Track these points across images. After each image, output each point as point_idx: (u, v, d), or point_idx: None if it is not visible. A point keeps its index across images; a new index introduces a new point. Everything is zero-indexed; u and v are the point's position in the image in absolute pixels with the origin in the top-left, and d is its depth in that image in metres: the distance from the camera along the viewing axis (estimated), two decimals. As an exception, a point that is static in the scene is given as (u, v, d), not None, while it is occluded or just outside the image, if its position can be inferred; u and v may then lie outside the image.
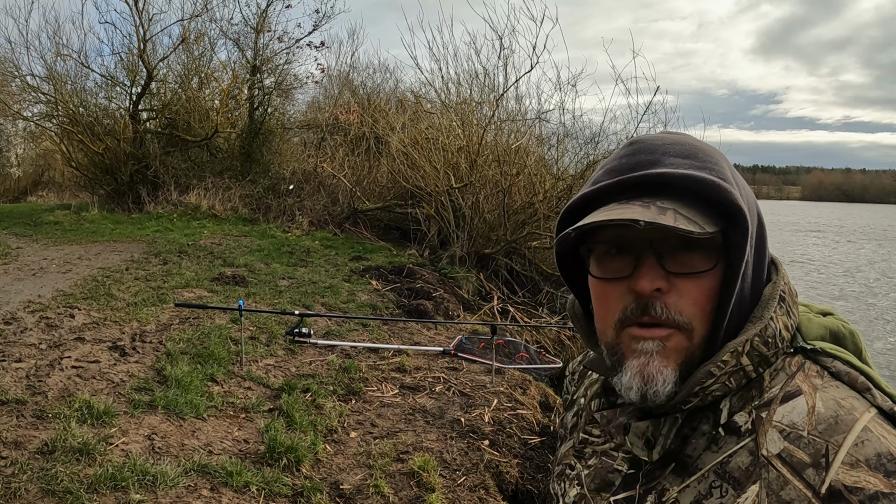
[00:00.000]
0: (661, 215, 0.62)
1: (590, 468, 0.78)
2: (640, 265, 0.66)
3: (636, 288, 0.65)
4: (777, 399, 0.66)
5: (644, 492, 0.70)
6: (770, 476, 0.62)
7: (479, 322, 6.33)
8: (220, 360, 4.32)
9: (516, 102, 9.92)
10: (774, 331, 0.68)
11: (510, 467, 3.56)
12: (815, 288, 15.49)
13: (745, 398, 0.67)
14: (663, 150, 0.68)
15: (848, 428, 0.61)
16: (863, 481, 0.58)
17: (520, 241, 9.06)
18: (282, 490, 2.92)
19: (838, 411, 0.63)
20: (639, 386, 0.66)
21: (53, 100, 12.63)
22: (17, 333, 4.44)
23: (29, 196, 18.60)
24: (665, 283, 0.65)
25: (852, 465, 0.59)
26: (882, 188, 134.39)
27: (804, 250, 24.34)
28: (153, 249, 8.23)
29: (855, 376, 0.66)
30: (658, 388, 0.66)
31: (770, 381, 0.67)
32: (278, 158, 13.35)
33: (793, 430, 0.63)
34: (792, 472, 0.61)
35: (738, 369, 0.66)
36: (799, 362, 0.68)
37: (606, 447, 0.77)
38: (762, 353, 0.67)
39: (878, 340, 10.39)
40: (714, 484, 0.65)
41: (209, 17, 12.97)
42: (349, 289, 6.90)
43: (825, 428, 0.62)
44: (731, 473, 0.64)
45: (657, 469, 0.70)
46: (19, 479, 2.64)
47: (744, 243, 0.65)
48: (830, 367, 0.68)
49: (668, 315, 0.65)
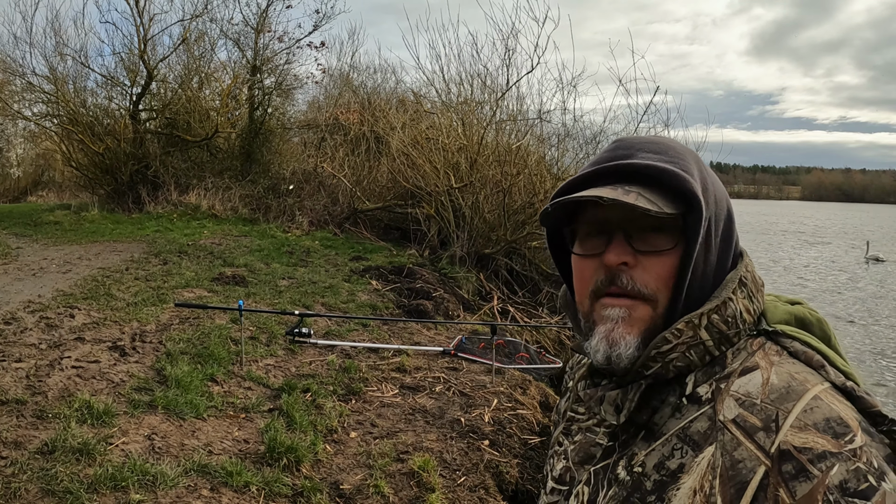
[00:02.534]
0: (624, 195, 0.71)
1: (575, 443, 0.85)
2: (610, 243, 0.74)
3: (605, 261, 0.74)
4: (736, 372, 0.72)
5: (617, 458, 0.77)
6: (725, 438, 0.68)
7: (479, 322, 6.33)
8: (220, 360, 4.31)
9: (517, 102, 9.92)
10: (735, 311, 0.74)
11: (510, 467, 3.56)
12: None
13: (708, 374, 0.73)
14: (638, 146, 0.78)
15: (798, 397, 0.67)
16: (811, 442, 0.63)
17: (520, 241, 9.06)
18: (282, 490, 2.92)
19: (791, 382, 0.68)
20: (604, 349, 0.74)
21: (54, 99, 12.63)
22: (17, 333, 4.44)
23: (29, 196, 18.60)
24: (631, 258, 0.73)
25: (801, 429, 0.64)
26: (882, 188, 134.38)
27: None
28: (153, 249, 8.23)
29: (811, 355, 0.72)
30: (621, 352, 0.73)
31: (732, 358, 0.74)
32: (278, 158, 13.34)
33: (747, 398, 0.69)
34: (745, 434, 0.67)
35: (698, 343, 0.73)
36: (760, 343, 0.75)
37: (590, 423, 0.84)
38: (722, 330, 0.73)
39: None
40: (676, 446, 0.71)
41: (209, 17, 12.98)
42: (349, 289, 6.90)
43: (777, 397, 0.67)
44: (692, 437, 0.70)
45: (630, 438, 0.77)
46: (19, 479, 2.64)
47: (698, 227, 0.72)
48: (789, 346, 0.74)
49: (633, 286, 0.73)
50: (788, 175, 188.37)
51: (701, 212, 0.72)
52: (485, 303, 7.73)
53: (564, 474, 0.85)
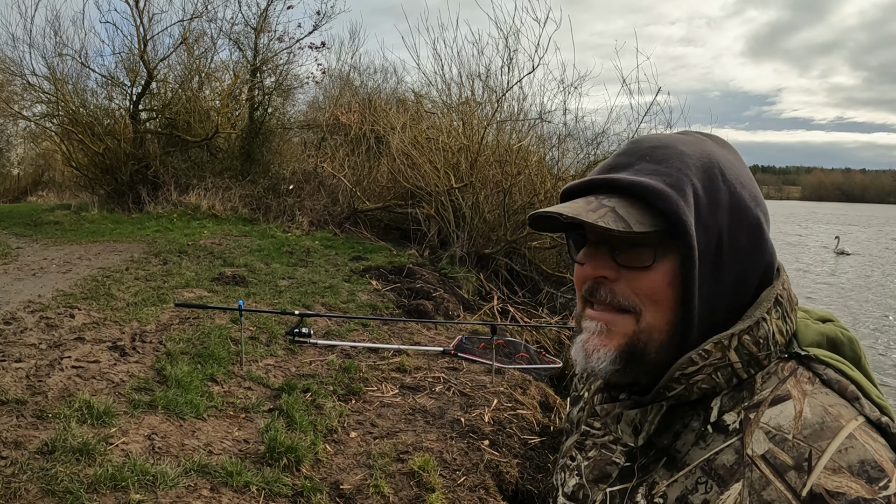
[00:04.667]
0: (591, 212, 0.68)
1: (589, 459, 0.82)
2: (595, 255, 0.73)
3: (583, 273, 0.74)
4: (766, 401, 0.68)
5: (637, 484, 0.74)
6: (753, 476, 0.64)
7: (479, 322, 6.33)
8: (220, 360, 4.32)
9: (517, 102, 9.92)
10: (767, 333, 0.70)
11: (510, 467, 3.55)
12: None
13: (735, 399, 0.69)
14: (641, 154, 0.73)
15: (833, 434, 0.63)
16: (844, 486, 0.60)
17: (520, 242, 9.06)
18: (282, 490, 2.92)
19: (825, 417, 0.65)
20: (581, 359, 0.73)
21: (54, 99, 12.62)
22: (17, 333, 4.44)
23: (29, 196, 18.59)
24: (612, 273, 0.72)
25: (834, 471, 0.61)
26: (882, 188, 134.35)
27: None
28: (153, 249, 8.23)
29: (845, 384, 0.68)
30: (593, 364, 0.72)
31: (762, 383, 0.69)
32: (278, 158, 13.34)
33: (779, 432, 0.65)
34: (774, 473, 0.63)
35: (726, 364, 0.69)
36: (792, 367, 0.70)
37: (606, 440, 0.81)
38: (752, 352, 0.69)
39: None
40: (700, 480, 0.67)
41: (210, 17, 12.98)
42: (349, 289, 6.90)
43: (810, 433, 0.64)
44: (717, 471, 0.67)
45: (651, 463, 0.73)
46: (19, 479, 2.63)
47: (687, 252, 0.68)
48: (822, 374, 0.69)
49: (611, 299, 0.72)
50: (789, 175, 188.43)
51: (686, 234, 0.68)
52: (485, 303, 7.73)
53: (577, 491, 0.82)
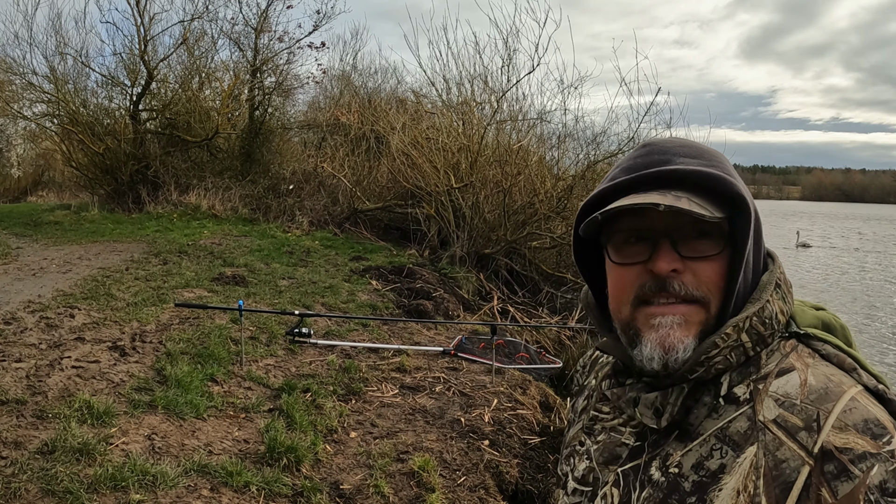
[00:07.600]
0: (677, 201, 0.70)
1: (599, 443, 0.84)
2: (657, 250, 0.74)
3: (654, 269, 0.74)
4: (773, 374, 0.73)
5: (649, 459, 0.77)
6: (766, 438, 0.69)
7: (479, 322, 6.33)
8: (220, 360, 4.32)
9: (517, 103, 9.92)
10: (771, 313, 0.75)
11: (510, 467, 3.56)
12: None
13: (743, 374, 0.74)
14: (674, 151, 0.77)
15: (837, 397, 0.68)
16: (852, 442, 0.64)
17: (520, 241, 9.06)
18: (282, 490, 2.92)
19: (828, 384, 0.70)
20: (660, 355, 0.73)
21: (54, 99, 12.62)
22: (17, 333, 4.44)
23: (29, 196, 18.60)
24: (680, 265, 0.73)
25: (841, 429, 0.66)
26: (882, 188, 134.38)
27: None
28: (153, 249, 8.23)
29: (843, 358, 0.74)
30: (679, 356, 0.73)
31: (766, 359, 0.75)
32: (278, 158, 13.34)
33: (787, 398, 0.70)
34: (787, 434, 0.68)
35: (738, 345, 0.73)
36: (793, 344, 0.76)
37: (615, 423, 0.84)
38: (760, 332, 0.74)
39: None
40: (715, 447, 0.72)
41: (210, 17, 12.98)
42: (349, 289, 6.90)
43: (816, 397, 0.69)
44: (731, 437, 0.71)
45: (662, 438, 0.77)
46: (19, 479, 2.64)
47: (747, 229, 0.73)
48: (821, 349, 0.75)
49: (685, 291, 0.73)
50: (788, 175, 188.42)
51: (750, 214, 0.73)
52: (485, 303, 7.73)
53: (588, 475, 0.84)
